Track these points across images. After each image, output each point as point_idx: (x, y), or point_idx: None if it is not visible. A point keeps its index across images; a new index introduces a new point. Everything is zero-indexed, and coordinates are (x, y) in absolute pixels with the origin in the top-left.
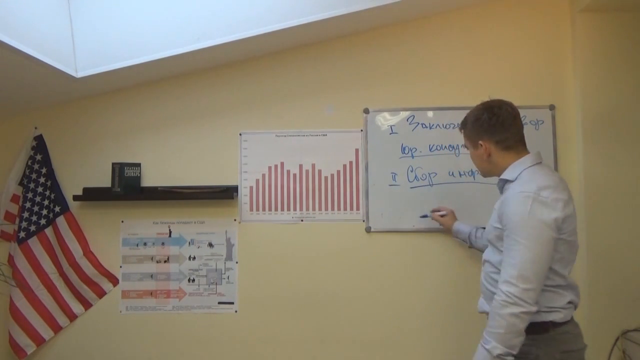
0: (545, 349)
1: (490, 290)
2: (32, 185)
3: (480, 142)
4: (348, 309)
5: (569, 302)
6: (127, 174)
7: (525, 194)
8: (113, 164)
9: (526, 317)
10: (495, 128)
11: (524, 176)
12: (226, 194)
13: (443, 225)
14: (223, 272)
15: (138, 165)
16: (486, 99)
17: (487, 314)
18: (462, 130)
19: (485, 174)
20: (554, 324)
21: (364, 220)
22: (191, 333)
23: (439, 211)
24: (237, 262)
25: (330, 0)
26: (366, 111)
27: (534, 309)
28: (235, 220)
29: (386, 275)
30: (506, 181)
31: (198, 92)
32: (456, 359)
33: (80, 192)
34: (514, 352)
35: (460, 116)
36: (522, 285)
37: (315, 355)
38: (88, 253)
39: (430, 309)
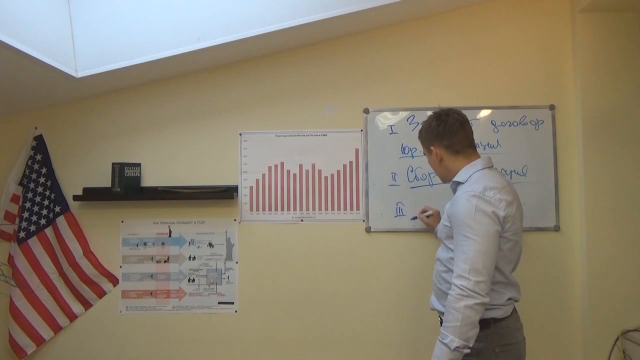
0: (485, 344)
1: (439, 288)
2: (32, 185)
3: (431, 147)
4: (348, 309)
5: (509, 299)
6: (127, 174)
7: (472, 193)
8: (113, 164)
9: (480, 309)
10: (444, 134)
11: (473, 178)
12: (226, 194)
13: (427, 226)
14: (223, 272)
15: (138, 165)
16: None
17: (438, 311)
18: (419, 139)
19: (443, 178)
20: (494, 320)
21: (364, 220)
22: (191, 333)
23: (425, 212)
24: (237, 262)
25: (330, 0)
26: (366, 111)
27: (486, 300)
28: (235, 220)
29: (386, 275)
30: (458, 183)
31: (198, 92)
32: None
33: (80, 192)
34: (470, 345)
35: None
36: (474, 278)
37: (315, 355)
38: (88, 253)
39: (429, 309)
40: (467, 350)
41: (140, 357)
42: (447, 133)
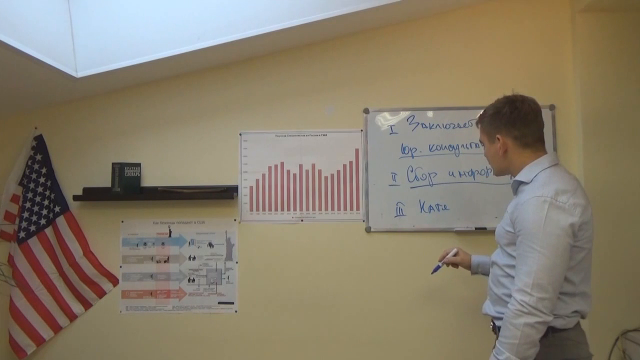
0: (544, 355)
1: (495, 292)
2: (32, 185)
3: (498, 135)
4: (348, 309)
5: (574, 312)
6: (127, 174)
7: (542, 198)
8: (113, 164)
9: (541, 328)
10: (516, 122)
11: (540, 178)
12: (226, 194)
13: (461, 264)
14: (223, 272)
15: (138, 165)
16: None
17: (491, 316)
18: (479, 124)
19: (499, 172)
20: (553, 329)
21: (364, 220)
22: (191, 333)
23: (448, 253)
24: (237, 262)
25: (330, 0)
26: (366, 111)
27: (549, 318)
28: (235, 220)
29: (386, 275)
30: (521, 183)
31: (198, 92)
32: (456, 358)
33: (80, 192)
34: None
35: (460, 116)
36: (538, 295)
37: (315, 355)
38: (88, 253)
39: (430, 309)
40: None
41: (140, 357)
42: (521, 122)
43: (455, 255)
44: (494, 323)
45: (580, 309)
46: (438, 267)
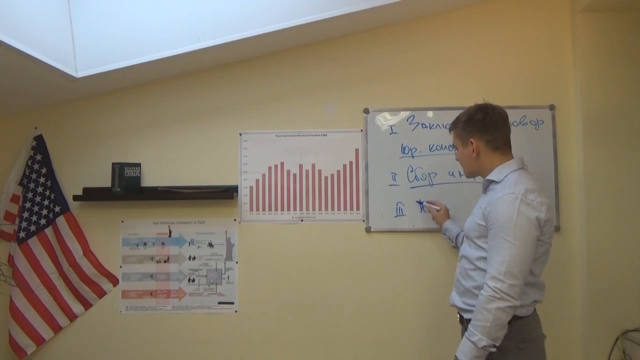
0: (507, 341)
1: (463, 284)
2: (32, 185)
3: (471, 139)
4: (348, 309)
5: (534, 301)
6: (127, 174)
7: (514, 195)
8: (113, 164)
9: (511, 312)
10: (488, 127)
11: (510, 178)
12: (226, 194)
13: (435, 219)
14: (223, 272)
15: (138, 165)
16: (481, 100)
17: (458, 308)
18: (453, 130)
19: (470, 173)
20: (516, 317)
21: (364, 220)
22: (191, 333)
23: (434, 204)
24: (237, 262)
25: (329, 0)
26: (366, 111)
27: (518, 303)
28: (235, 220)
29: (386, 275)
30: (491, 182)
31: (198, 92)
32: None
33: (80, 192)
34: (497, 344)
35: None
36: (509, 282)
37: (315, 355)
38: (88, 253)
39: (429, 309)
40: (494, 349)
41: (140, 357)
42: (492, 127)
43: (438, 210)
44: (460, 315)
45: (537, 298)
46: (421, 203)
